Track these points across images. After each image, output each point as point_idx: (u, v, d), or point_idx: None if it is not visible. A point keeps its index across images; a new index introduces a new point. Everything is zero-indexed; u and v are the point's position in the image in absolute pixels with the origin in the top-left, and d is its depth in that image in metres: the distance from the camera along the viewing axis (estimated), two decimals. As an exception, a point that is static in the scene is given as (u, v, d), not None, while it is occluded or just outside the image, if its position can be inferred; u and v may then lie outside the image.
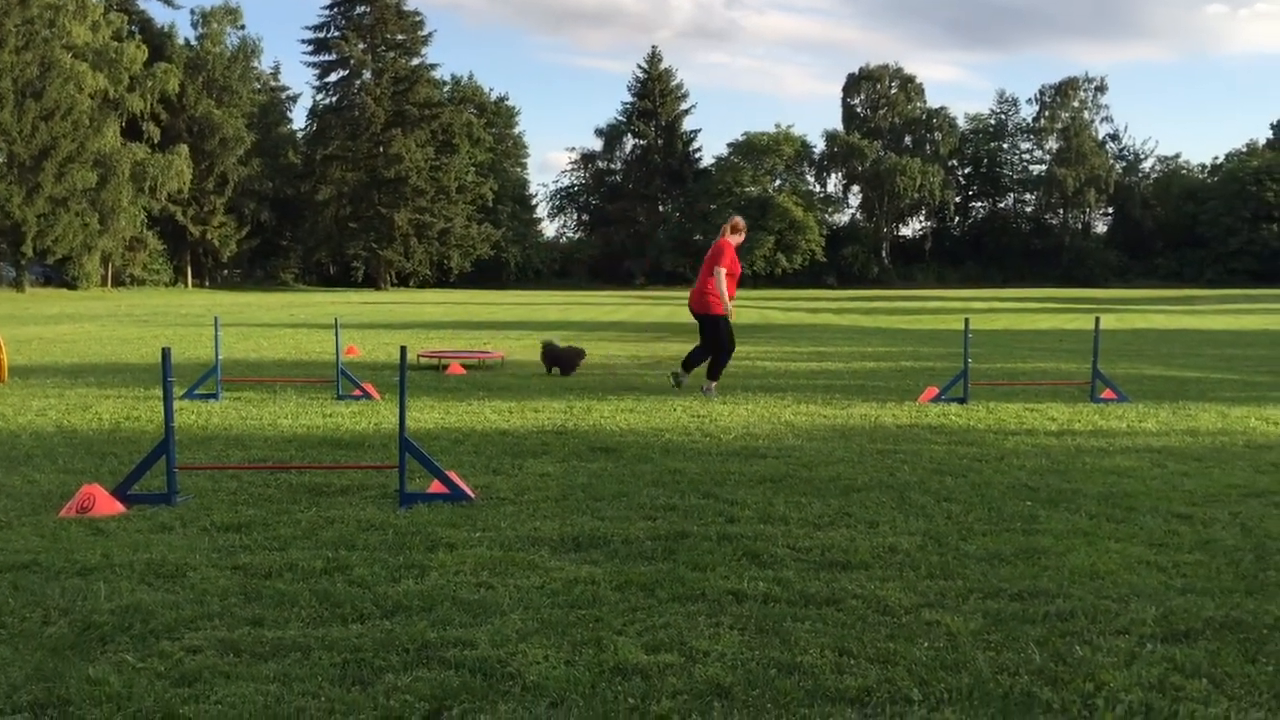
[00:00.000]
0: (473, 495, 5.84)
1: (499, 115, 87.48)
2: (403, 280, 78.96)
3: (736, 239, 11.48)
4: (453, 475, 5.98)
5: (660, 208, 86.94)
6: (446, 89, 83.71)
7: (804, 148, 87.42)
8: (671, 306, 43.48)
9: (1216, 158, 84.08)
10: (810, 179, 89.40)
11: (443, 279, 79.78)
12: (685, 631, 3.71)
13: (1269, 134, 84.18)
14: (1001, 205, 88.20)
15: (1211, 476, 6.71)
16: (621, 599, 4.08)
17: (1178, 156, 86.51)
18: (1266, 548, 4.92)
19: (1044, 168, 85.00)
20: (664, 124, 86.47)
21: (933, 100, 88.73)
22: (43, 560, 4.54)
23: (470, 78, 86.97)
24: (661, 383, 12.79)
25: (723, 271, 11.26)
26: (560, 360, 13.54)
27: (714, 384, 11.43)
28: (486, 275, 79.78)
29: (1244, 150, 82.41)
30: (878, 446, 7.87)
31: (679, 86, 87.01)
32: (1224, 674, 3.35)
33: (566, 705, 3.07)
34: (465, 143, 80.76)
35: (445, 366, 14.28)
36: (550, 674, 3.29)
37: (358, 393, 10.85)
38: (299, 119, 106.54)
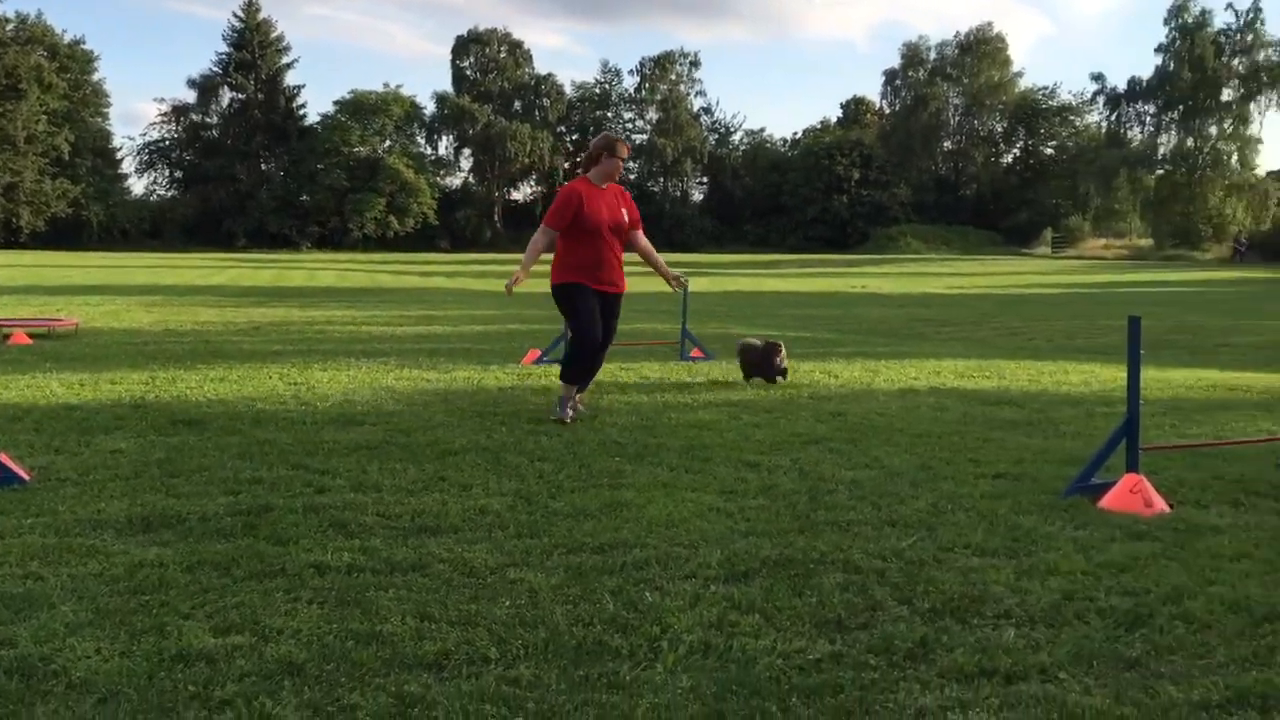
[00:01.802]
0: (26, 477, 5.28)
1: (74, 60, 79.28)
2: (-38, 239, 70.02)
3: (601, 169, 7.62)
4: (3, 457, 5.38)
5: (263, 166, 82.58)
6: (10, 27, 74.82)
7: (414, 109, 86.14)
8: (277, 270, 41.59)
9: (796, 133, 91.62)
10: (421, 141, 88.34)
11: (11, 239, 71.51)
12: (260, 610, 3.54)
13: (839, 113, 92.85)
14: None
15: (779, 427, 7.32)
16: (192, 580, 3.84)
17: (763, 130, 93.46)
18: (819, 490, 5.42)
19: (646, 137, 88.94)
20: (264, 77, 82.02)
21: (541, 67, 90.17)
22: None
23: (39, 16, 78.11)
24: (260, 348, 12.19)
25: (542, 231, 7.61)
26: (764, 366, 9.49)
27: (572, 398, 7.58)
28: (64, 235, 72.35)
29: (819, 127, 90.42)
30: (478, 409, 7.92)
31: (280, 39, 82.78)
32: (774, 608, 3.65)
33: (117, 699, 2.84)
34: (34, 88, 72.61)
35: (7, 336, 12.84)
36: (101, 668, 3.03)
37: (-107, 367, 9.52)
38: None
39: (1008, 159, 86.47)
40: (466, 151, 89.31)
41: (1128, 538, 4.54)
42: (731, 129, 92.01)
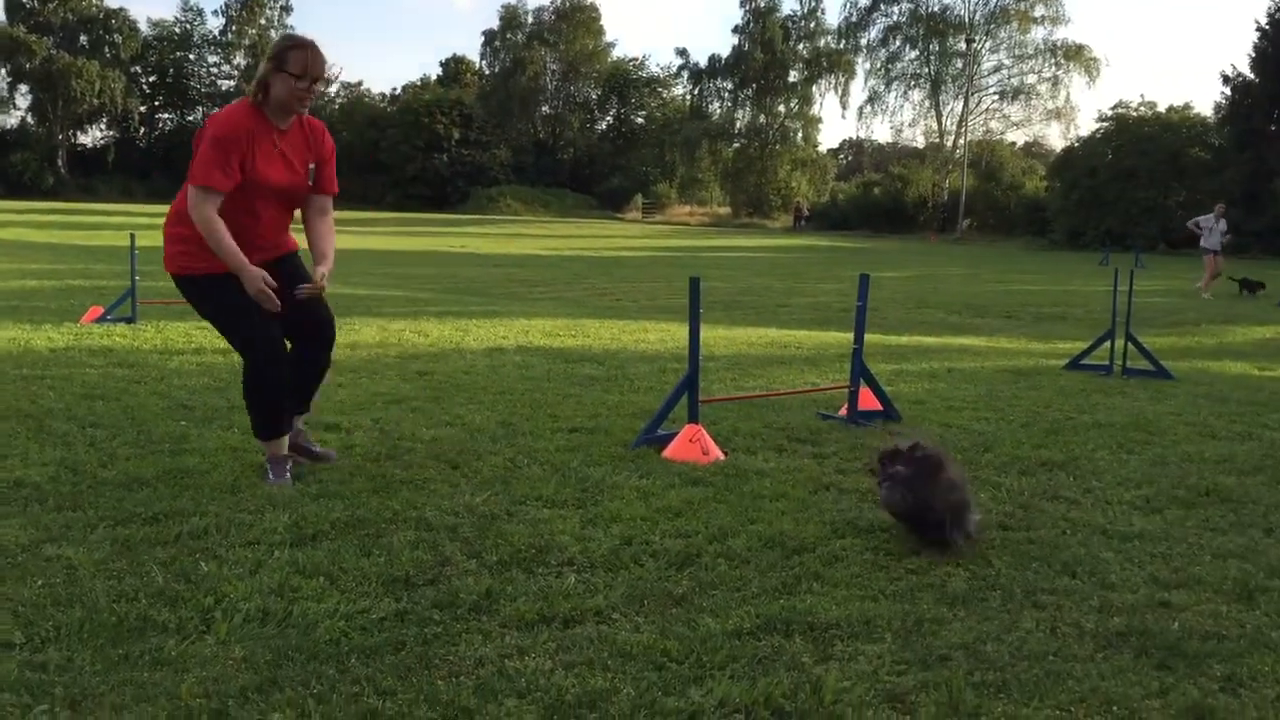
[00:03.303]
0: None
1: None
2: None
3: (276, 96, 4.54)
4: None
5: None
6: None
7: (-42, 36, 75.96)
8: None
9: (395, 89, 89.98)
10: (-32, 72, 78.08)
11: None
12: None
13: (439, 71, 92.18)
14: (191, 119, 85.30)
15: (361, 386, 7.17)
16: None
17: (361, 84, 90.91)
18: (398, 449, 5.36)
19: (233, 84, 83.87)
20: None
21: (111, 1, 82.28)
22: None
23: None
24: None
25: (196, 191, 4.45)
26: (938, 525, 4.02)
27: (283, 454, 4.79)
28: None
29: (419, 84, 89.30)
30: (23, 372, 7.15)
31: None
32: (340, 570, 3.57)
33: None
34: None
35: None
36: None
37: None
38: None
39: (602, 125, 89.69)
40: (23, 88, 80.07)
41: (685, 484, 4.85)
42: (328, 80, 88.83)
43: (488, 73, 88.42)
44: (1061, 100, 62.99)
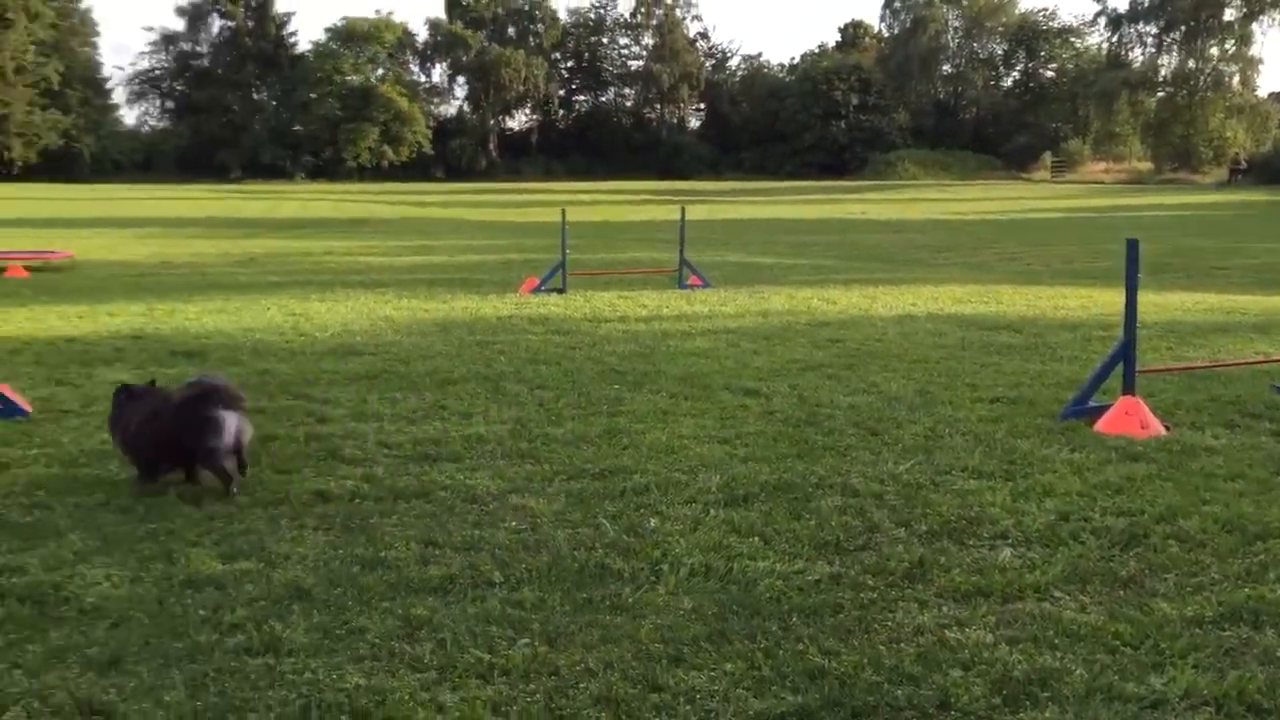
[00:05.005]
0: (28, 409, 5.31)
1: (61, -14, 77.98)
2: (-47, 173, 69.47)
3: None
4: (4, 389, 5.40)
5: (255, 96, 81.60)
6: (-7, -47, 73.42)
7: (406, 35, 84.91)
8: (271, 201, 41.33)
9: (794, 58, 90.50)
10: (415, 69, 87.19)
11: (4, 172, 70.98)
12: (266, 537, 3.59)
13: (837, 37, 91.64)
14: (604, 99, 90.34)
15: (776, 354, 7.33)
16: (196, 509, 3.88)
17: (760, 56, 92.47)
18: (817, 415, 5.45)
19: (641, 64, 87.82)
20: (254, 5, 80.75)
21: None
22: None
23: (22, -58, 76.64)
24: (256, 279, 12.17)
25: None
26: None
27: None
28: (57, 168, 71.71)
29: (816, 52, 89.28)
30: (477, 339, 7.93)
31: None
32: (773, 531, 3.70)
33: (129, 624, 2.89)
34: (22, 17, 71.53)
35: (3, 269, 12.80)
36: (111, 594, 3.08)
37: (-110, 301, 9.51)
38: None
39: (1007, 82, 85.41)
40: (461, 79, 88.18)
41: (1123, 459, 4.58)
42: (728, 54, 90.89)
43: (886, 35, 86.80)
44: None
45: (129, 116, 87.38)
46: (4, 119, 70.72)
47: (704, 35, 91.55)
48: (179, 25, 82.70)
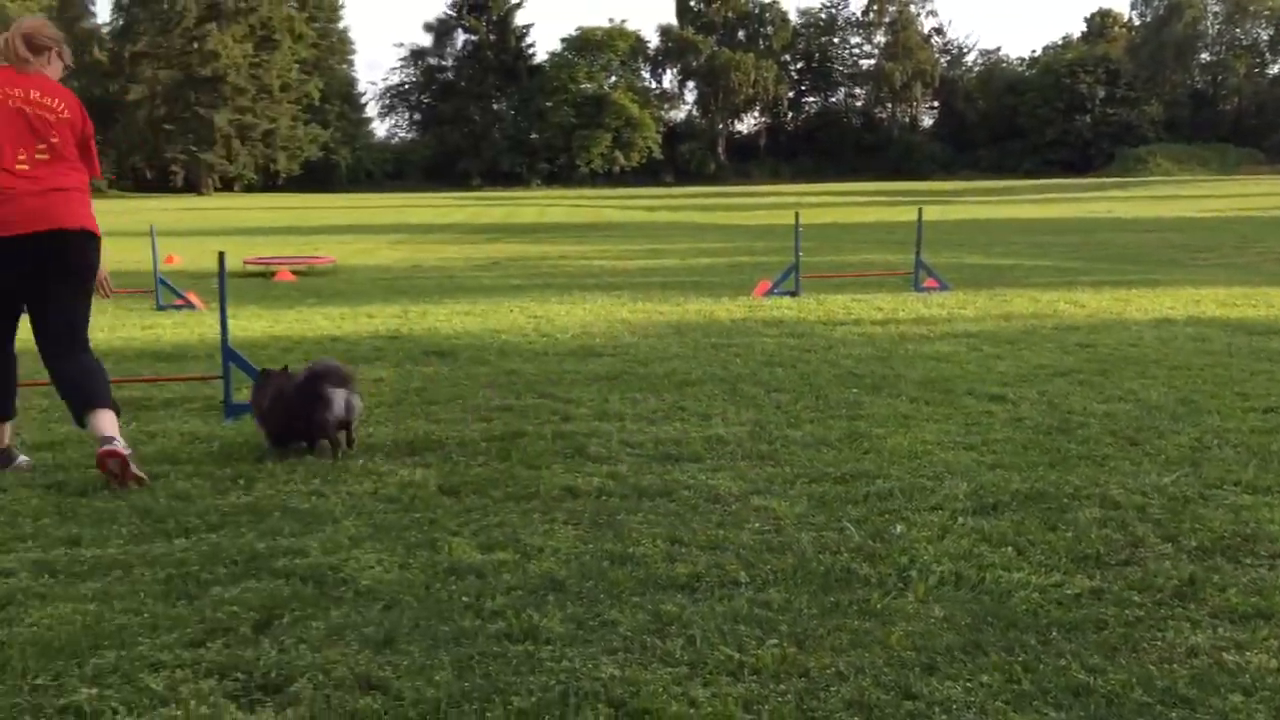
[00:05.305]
0: (303, 404, 5.70)
1: (321, 9, 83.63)
2: (227, 185, 75.65)
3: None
4: (281, 384, 5.83)
5: (495, 106, 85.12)
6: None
7: (639, 43, 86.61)
8: (509, 207, 42.99)
9: (1034, 51, 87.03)
10: (646, 75, 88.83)
11: (270, 183, 76.73)
12: (520, 529, 3.73)
13: (1083, 27, 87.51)
14: (833, 100, 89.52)
15: (1023, 358, 7.07)
16: (456, 501, 4.08)
17: (998, 50, 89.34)
18: (1070, 423, 5.22)
19: (873, 62, 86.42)
20: (495, 19, 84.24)
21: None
22: None
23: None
24: (499, 282, 12.68)
25: None
26: None
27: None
28: (316, 178, 77.02)
29: (1059, 43, 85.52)
30: (712, 341, 8.00)
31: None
32: (1027, 542, 3.57)
33: (400, 607, 3.07)
34: (287, 38, 77.14)
35: (273, 273, 13.82)
36: (383, 578, 3.28)
37: (180, 302, 10.43)
38: (103, 13, 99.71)
39: (1274, 69, 79.34)
40: (690, 84, 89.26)
41: None
42: (965, 50, 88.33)
43: (1137, 23, 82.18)
44: None
45: (380, 129, 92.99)
46: (270, 133, 76.52)
47: (939, 31, 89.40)
48: (426, 41, 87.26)
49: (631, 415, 5.51)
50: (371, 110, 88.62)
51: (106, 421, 4.33)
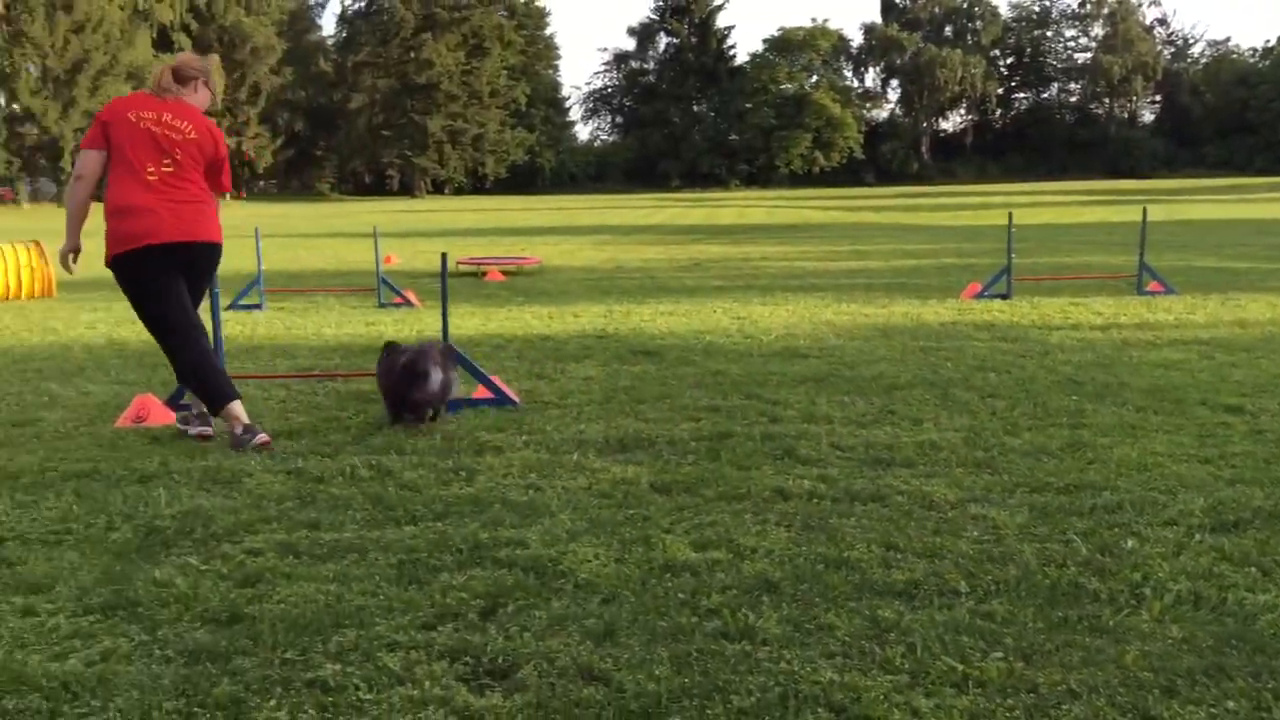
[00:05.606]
0: (517, 400, 5.89)
1: (529, 17, 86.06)
2: (437, 188, 78.93)
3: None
4: (497, 380, 6.04)
5: (695, 108, 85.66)
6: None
7: (841, 42, 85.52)
8: (709, 208, 43.19)
9: (1268, 40, 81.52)
10: (848, 74, 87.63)
11: (478, 186, 79.59)
12: (732, 529, 3.75)
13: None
14: (1045, 96, 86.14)
15: (1261, 367, 6.63)
16: (668, 499, 4.13)
17: (1228, 40, 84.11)
18: (1317, 438, 4.87)
19: (1089, 56, 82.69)
20: (697, 21, 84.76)
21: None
22: (103, 468, 4.65)
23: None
24: (702, 283, 12.76)
25: None
26: None
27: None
28: (521, 181, 79.42)
29: (1298, 32, 79.71)
30: (920, 344, 7.83)
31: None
32: (1273, 562, 3.35)
33: (618, 600, 3.13)
34: (496, 46, 79.76)
35: (484, 273, 14.31)
36: (601, 571, 3.35)
37: (399, 300, 10.92)
38: (328, 26, 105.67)
39: None
40: (894, 82, 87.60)
41: None
42: (1190, 41, 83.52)
43: (1389, 7, 75.86)
44: None
45: (583, 132, 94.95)
46: (479, 138, 79.31)
47: (1162, 22, 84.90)
48: (629, 45, 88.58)
49: (840, 418, 5.45)
50: (574, 114, 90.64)
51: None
